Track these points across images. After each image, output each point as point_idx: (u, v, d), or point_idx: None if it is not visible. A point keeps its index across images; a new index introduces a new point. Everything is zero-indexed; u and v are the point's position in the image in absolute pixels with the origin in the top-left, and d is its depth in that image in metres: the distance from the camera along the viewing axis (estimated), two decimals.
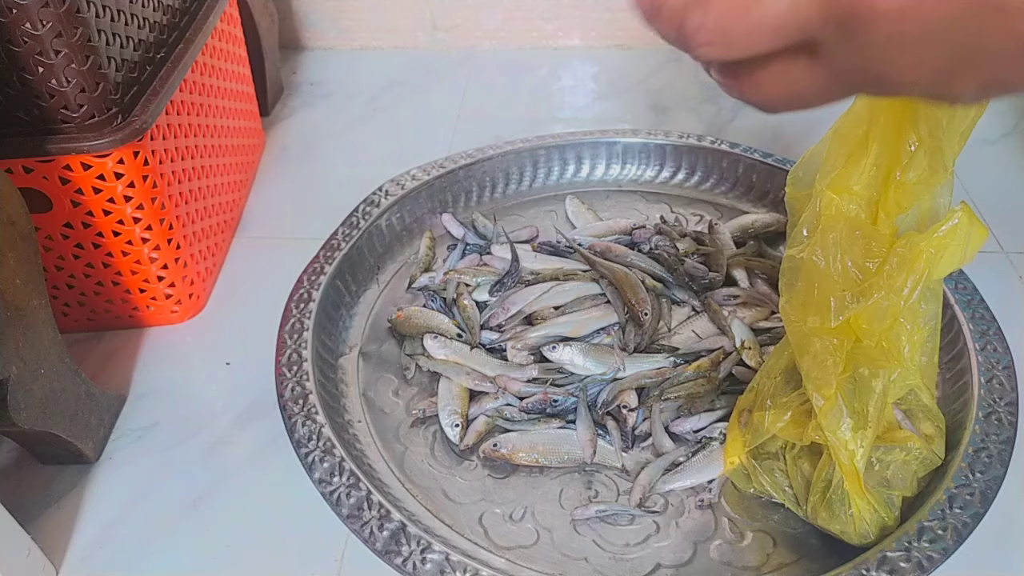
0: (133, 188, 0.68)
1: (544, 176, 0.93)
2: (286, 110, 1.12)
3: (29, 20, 0.58)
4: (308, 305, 0.73)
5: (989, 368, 0.66)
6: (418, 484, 0.65)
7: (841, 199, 0.51)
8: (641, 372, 0.70)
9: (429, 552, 0.56)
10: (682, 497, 0.63)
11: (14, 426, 0.56)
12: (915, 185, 0.49)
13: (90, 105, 0.63)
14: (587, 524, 0.62)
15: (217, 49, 0.86)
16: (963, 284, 0.73)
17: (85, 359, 0.76)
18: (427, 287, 0.80)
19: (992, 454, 0.60)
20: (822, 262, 0.52)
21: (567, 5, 1.19)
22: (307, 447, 0.62)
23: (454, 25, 1.22)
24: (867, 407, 0.53)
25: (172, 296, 0.78)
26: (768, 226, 0.85)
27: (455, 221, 0.87)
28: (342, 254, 0.78)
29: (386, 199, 0.84)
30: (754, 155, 0.90)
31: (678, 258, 0.80)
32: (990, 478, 0.58)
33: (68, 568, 0.61)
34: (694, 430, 0.67)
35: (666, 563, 0.59)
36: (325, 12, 1.22)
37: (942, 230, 0.48)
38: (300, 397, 0.65)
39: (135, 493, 0.66)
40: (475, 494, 0.64)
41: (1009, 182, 0.94)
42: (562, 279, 0.79)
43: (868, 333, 0.51)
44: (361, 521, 0.57)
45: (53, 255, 0.72)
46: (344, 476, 0.60)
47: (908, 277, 0.49)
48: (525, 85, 1.15)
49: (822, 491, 0.57)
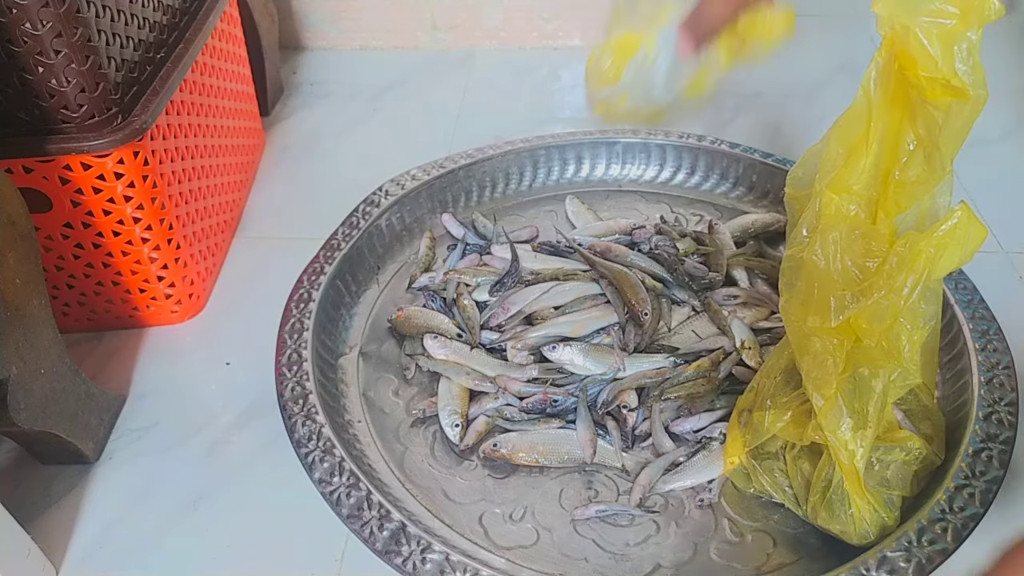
0: (133, 188, 0.68)
1: (544, 176, 0.93)
2: (286, 110, 1.12)
3: (29, 20, 0.58)
4: (308, 305, 0.73)
5: (989, 368, 0.66)
6: (418, 484, 0.65)
7: (841, 199, 0.51)
8: (641, 372, 0.70)
9: (429, 552, 0.56)
10: (682, 497, 0.64)
11: (14, 426, 0.56)
12: (914, 184, 0.49)
13: (90, 105, 0.63)
14: (587, 524, 0.62)
15: (217, 49, 0.86)
16: (963, 284, 0.73)
17: (85, 359, 0.76)
18: (427, 287, 0.80)
19: (992, 455, 0.60)
20: (822, 262, 0.52)
21: (567, 5, 1.19)
22: (307, 447, 0.62)
23: (454, 25, 1.22)
24: (867, 407, 0.53)
25: (172, 296, 0.78)
26: (768, 226, 0.85)
27: (455, 221, 0.87)
28: (342, 254, 0.78)
29: (386, 199, 0.84)
30: (754, 155, 0.90)
31: (678, 258, 0.80)
32: (990, 479, 0.58)
33: (68, 568, 0.61)
34: (694, 430, 0.67)
35: (666, 563, 0.59)
36: (325, 12, 1.22)
37: (942, 229, 0.48)
38: (300, 397, 0.66)
39: (135, 493, 0.66)
40: (475, 494, 0.64)
41: (1009, 182, 0.94)
42: (562, 279, 0.79)
43: (868, 333, 0.51)
44: (361, 521, 0.57)
45: (53, 255, 0.72)
46: (344, 476, 0.60)
47: (908, 277, 0.49)
48: (525, 85, 1.15)
49: (822, 491, 0.57)
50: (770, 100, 1.10)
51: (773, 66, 1.18)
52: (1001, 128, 1.02)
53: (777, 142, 0.92)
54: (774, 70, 1.17)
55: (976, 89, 0.45)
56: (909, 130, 0.48)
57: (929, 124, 0.47)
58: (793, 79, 1.15)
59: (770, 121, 1.05)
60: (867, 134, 0.50)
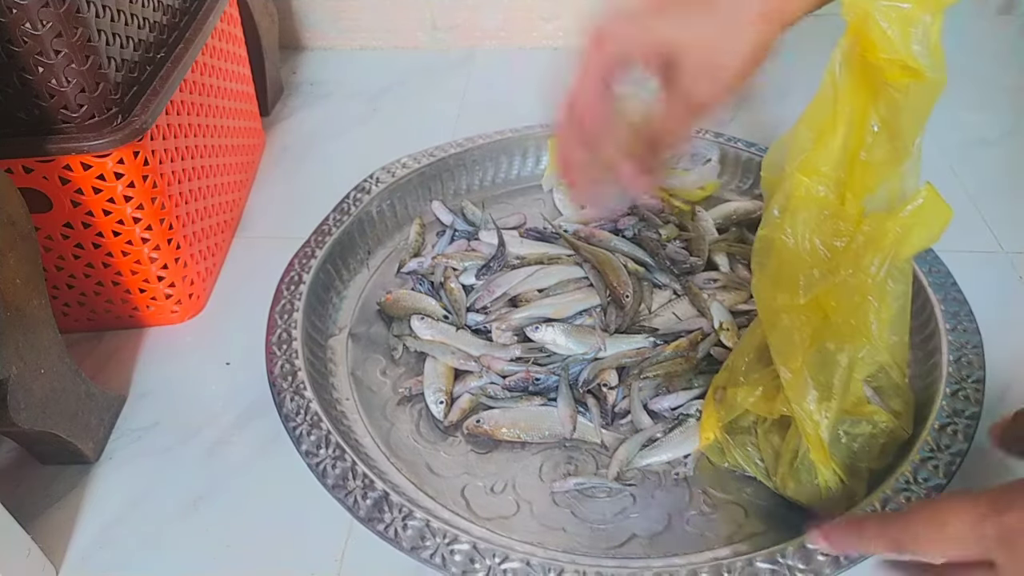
0: (133, 188, 0.68)
1: (533, 165, 0.95)
2: (286, 110, 1.12)
3: (29, 20, 0.58)
4: (299, 287, 0.75)
5: (959, 348, 0.67)
6: (403, 458, 0.66)
7: (810, 180, 0.53)
8: (621, 352, 0.72)
9: (410, 519, 0.57)
10: (659, 471, 0.65)
11: (14, 426, 0.56)
12: (880, 166, 0.51)
13: (90, 105, 0.63)
14: (566, 496, 0.63)
15: (217, 49, 0.86)
16: (937, 268, 0.74)
17: (85, 359, 0.76)
18: (415, 271, 0.81)
19: (958, 428, 0.61)
20: (791, 241, 0.53)
21: (567, 5, 1.19)
22: (295, 421, 0.63)
23: (454, 25, 1.22)
24: (832, 380, 0.54)
25: (172, 296, 0.78)
26: (750, 213, 0.87)
27: (444, 208, 0.88)
28: (333, 239, 0.80)
29: (377, 186, 0.86)
30: (737, 144, 0.92)
31: (660, 243, 0.82)
32: (954, 452, 0.60)
33: (68, 568, 0.61)
34: (672, 407, 0.68)
35: (641, 533, 0.61)
36: (325, 12, 1.22)
37: (907, 210, 0.50)
38: (289, 374, 0.67)
39: (135, 493, 0.66)
40: (458, 468, 0.66)
41: (1009, 182, 0.94)
42: (547, 263, 0.81)
43: (836, 310, 0.53)
44: (345, 491, 0.59)
45: (53, 255, 0.72)
46: (330, 448, 0.61)
47: (875, 256, 0.51)
48: (525, 85, 1.15)
49: (789, 462, 0.59)
50: (769, 100, 1.10)
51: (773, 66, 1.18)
52: (1001, 128, 1.02)
53: (776, 142, 0.92)
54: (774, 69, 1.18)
55: (933, 71, 0.46)
56: (873, 112, 0.49)
57: (891, 106, 0.48)
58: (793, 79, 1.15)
59: (768, 121, 1.05)
60: (834, 117, 0.51)
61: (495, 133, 0.93)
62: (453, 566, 0.55)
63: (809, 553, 0.54)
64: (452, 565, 0.55)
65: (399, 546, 0.56)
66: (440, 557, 0.55)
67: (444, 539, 0.56)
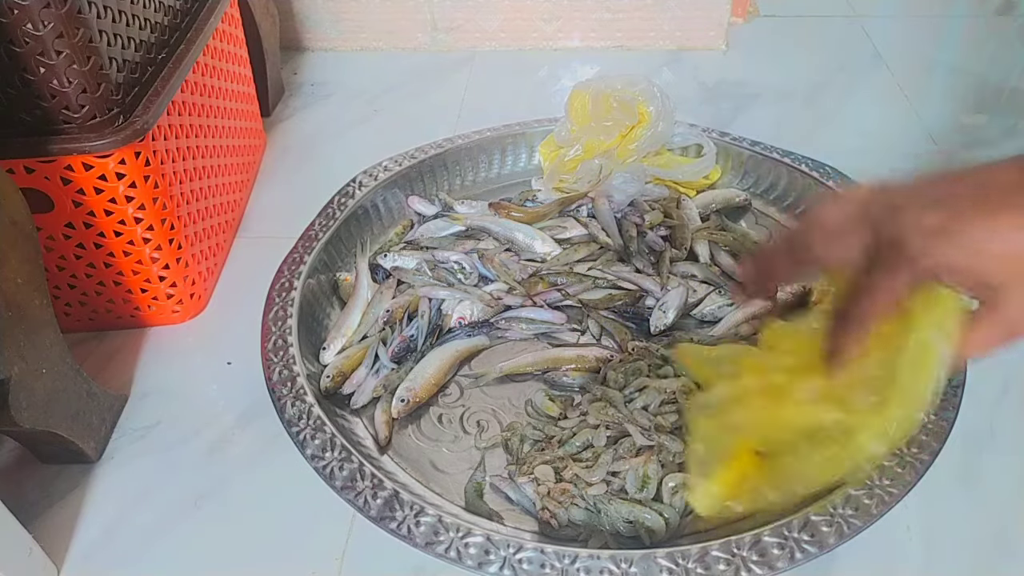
0: (134, 188, 0.68)
1: (512, 162, 0.96)
2: (287, 111, 1.12)
3: (31, 21, 0.58)
4: (290, 294, 0.75)
5: None
6: (406, 457, 0.66)
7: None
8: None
9: (423, 515, 0.57)
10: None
11: (16, 426, 0.56)
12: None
13: (92, 106, 0.64)
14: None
15: (218, 50, 0.87)
16: None
17: (87, 359, 0.76)
18: (380, 265, 0.82)
19: (929, 431, 0.60)
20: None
21: (567, 6, 1.19)
22: (297, 426, 0.63)
23: (454, 26, 1.22)
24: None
25: (173, 296, 0.78)
26: (730, 201, 0.90)
27: (422, 200, 0.89)
28: (320, 243, 0.80)
29: (360, 190, 0.86)
30: (725, 139, 0.93)
31: (640, 229, 0.84)
32: (927, 454, 0.59)
33: (70, 567, 0.61)
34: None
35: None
36: (326, 13, 1.23)
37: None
38: (288, 380, 0.67)
39: (136, 492, 0.66)
40: (463, 463, 0.66)
41: None
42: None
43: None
44: (355, 491, 0.59)
45: (55, 255, 0.72)
46: (336, 451, 0.62)
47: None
48: (525, 86, 1.16)
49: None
50: (769, 100, 1.11)
51: (772, 66, 1.19)
52: (1001, 128, 1.02)
53: (776, 142, 0.92)
54: (774, 70, 1.18)
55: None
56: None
57: None
58: (793, 79, 1.15)
59: (769, 121, 1.05)
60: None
61: (473, 133, 0.94)
62: (468, 559, 0.55)
63: (815, 525, 0.55)
64: (467, 558, 0.55)
65: (413, 543, 0.55)
66: (455, 551, 0.55)
67: (458, 533, 0.56)
